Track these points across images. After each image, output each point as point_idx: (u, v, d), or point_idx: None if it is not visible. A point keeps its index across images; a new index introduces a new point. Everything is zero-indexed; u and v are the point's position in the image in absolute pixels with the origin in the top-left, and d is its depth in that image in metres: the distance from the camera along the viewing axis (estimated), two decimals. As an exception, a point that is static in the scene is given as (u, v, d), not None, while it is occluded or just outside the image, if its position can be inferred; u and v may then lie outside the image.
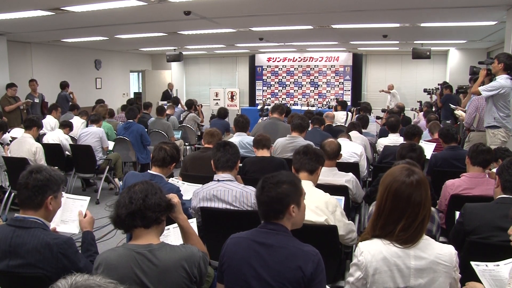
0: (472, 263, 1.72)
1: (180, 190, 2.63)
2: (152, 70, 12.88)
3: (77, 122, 6.12)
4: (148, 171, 2.72)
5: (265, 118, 6.91)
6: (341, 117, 7.11)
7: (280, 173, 1.66)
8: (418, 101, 8.98)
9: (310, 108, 9.32)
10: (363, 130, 5.14)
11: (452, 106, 5.83)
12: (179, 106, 8.76)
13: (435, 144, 4.19)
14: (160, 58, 12.25)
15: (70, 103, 7.55)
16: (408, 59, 9.60)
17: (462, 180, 2.77)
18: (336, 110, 7.81)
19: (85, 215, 2.11)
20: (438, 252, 1.45)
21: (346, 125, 5.85)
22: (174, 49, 10.43)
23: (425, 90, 8.69)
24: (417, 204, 1.45)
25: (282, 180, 1.61)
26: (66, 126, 5.54)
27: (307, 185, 2.34)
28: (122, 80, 11.56)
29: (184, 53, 10.75)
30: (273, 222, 1.60)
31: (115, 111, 8.53)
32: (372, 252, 1.46)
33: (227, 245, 1.63)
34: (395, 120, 4.71)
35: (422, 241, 1.46)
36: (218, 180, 2.56)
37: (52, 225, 2.05)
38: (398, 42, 8.87)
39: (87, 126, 5.62)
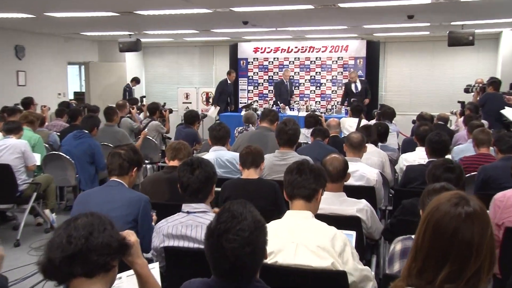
0: None
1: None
2: (99, 62, 12.87)
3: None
4: (112, 179, 2.97)
5: (241, 128, 6.89)
6: (349, 125, 7.13)
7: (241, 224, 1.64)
8: (459, 102, 8.92)
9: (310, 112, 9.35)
10: (380, 144, 5.22)
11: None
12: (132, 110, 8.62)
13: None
14: (111, 46, 12.26)
15: None
16: (442, 46, 9.71)
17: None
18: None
19: None
20: None
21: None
22: (130, 34, 10.46)
23: (465, 90, 8.62)
24: (466, 244, 1.40)
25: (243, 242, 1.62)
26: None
27: (304, 216, 2.37)
28: (56, 75, 11.48)
29: (143, 40, 10.77)
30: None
31: (47, 117, 8.42)
32: None
33: None
34: (429, 129, 4.74)
35: None
36: (188, 212, 2.57)
37: None
38: (428, 24, 8.95)
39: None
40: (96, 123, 5.99)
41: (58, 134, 6.83)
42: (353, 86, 10.22)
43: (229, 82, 11.04)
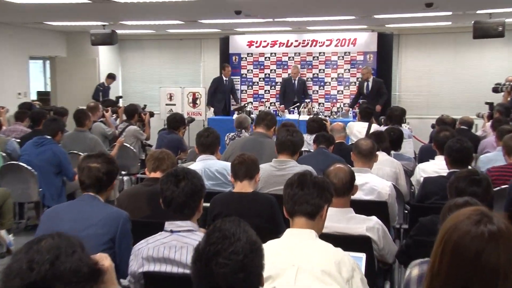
0: None
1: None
2: (67, 57, 12.87)
3: None
4: (86, 193, 2.99)
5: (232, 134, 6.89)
6: (358, 130, 7.14)
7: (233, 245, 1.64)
8: (486, 103, 8.95)
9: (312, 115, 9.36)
10: (393, 152, 5.22)
11: None
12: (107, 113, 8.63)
13: None
14: (81, 38, 12.26)
15: None
16: (466, 39, 9.71)
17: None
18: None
19: None
20: None
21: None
22: (103, 25, 10.47)
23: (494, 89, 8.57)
24: (491, 269, 1.40)
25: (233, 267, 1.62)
26: None
27: (306, 236, 2.38)
28: (15, 71, 11.42)
29: (119, 32, 10.77)
30: None
31: (4, 120, 8.38)
32: None
33: None
34: (450, 135, 4.75)
35: None
36: (172, 231, 2.56)
37: None
38: (450, 13, 8.98)
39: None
40: (60, 126, 5.99)
41: (18, 140, 6.78)
42: (365, 85, 10.24)
43: (224, 78, 11.08)
